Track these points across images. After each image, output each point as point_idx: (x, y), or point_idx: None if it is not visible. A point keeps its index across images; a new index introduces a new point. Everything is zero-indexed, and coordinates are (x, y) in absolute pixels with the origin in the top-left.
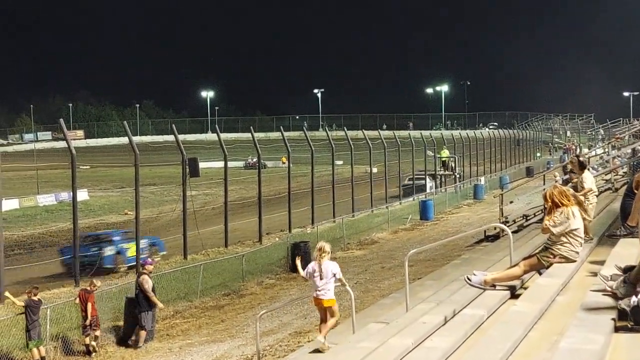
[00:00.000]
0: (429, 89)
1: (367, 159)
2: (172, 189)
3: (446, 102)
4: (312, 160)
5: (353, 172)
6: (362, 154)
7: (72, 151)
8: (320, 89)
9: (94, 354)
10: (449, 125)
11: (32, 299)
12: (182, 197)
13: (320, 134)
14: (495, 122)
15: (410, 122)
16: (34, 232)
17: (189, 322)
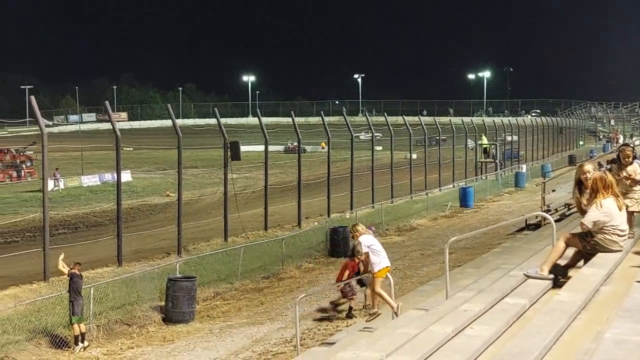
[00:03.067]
0: (471, 75)
1: (406, 145)
2: (214, 172)
3: (488, 88)
4: (351, 145)
5: (393, 157)
6: (401, 140)
7: (117, 133)
8: (360, 74)
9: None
10: (490, 112)
11: (73, 271)
12: (224, 180)
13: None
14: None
15: (450, 109)
16: (78, 212)
17: (229, 304)
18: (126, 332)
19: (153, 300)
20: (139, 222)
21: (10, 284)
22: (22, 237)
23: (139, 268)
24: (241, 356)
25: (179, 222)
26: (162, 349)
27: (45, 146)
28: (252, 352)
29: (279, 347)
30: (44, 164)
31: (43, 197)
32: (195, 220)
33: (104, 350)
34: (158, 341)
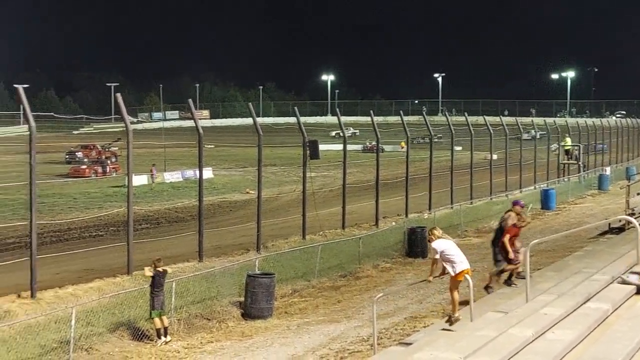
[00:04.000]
0: (554, 75)
1: (486, 145)
2: (292, 170)
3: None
4: (430, 145)
5: (472, 158)
6: (481, 141)
7: (200, 130)
8: (440, 74)
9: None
10: (574, 113)
11: (157, 270)
12: (302, 178)
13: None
14: (622, 111)
15: (532, 109)
16: (160, 207)
17: (307, 301)
18: (206, 326)
19: (232, 296)
20: (219, 218)
21: (95, 277)
22: (106, 231)
23: (218, 263)
24: (318, 353)
25: (259, 219)
26: (241, 344)
27: (130, 143)
28: (328, 350)
29: (356, 346)
30: (129, 160)
31: (128, 193)
32: (274, 218)
33: (185, 343)
34: (237, 336)
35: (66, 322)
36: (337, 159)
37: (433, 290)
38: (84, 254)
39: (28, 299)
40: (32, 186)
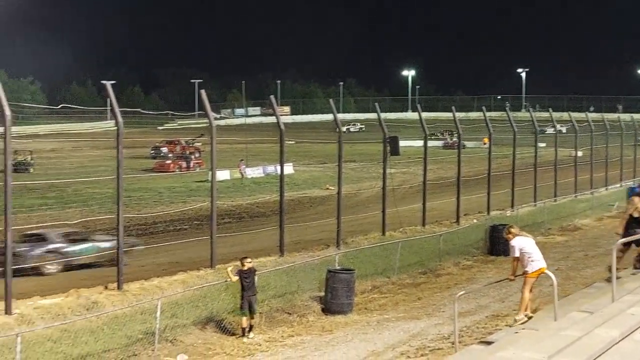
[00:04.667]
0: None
1: (570, 142)
2: (372, 167)
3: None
4: (513, 141)
5: (557, 155)
6: (565, 137)
7: (281, 127)
8: (524, 69)
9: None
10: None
11: (241, 269)
12: (382, 174)
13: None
14: None
15: (619, 105)
16: (242, 202)
17: (386, 298)
18: (287, 320)
19: (312, 291)
20: (299, 213)
21: (179, 270)
22: (190, 225)
23: (299, 258)
24: (398, 350)
25: (339, 215)
26: (321, 338)
27: (214, 138)
28: (409, 347)
29: (436, 343)
30: (213, 155)
31: (211, 188)
32: (354, 214)
33: (266, 337)
34: (317, 331)
35: (151, 313)
36: (417, 156)
37: (515, 288)
38: (168, 247)
39: (115, 290)
40: (120, 180)
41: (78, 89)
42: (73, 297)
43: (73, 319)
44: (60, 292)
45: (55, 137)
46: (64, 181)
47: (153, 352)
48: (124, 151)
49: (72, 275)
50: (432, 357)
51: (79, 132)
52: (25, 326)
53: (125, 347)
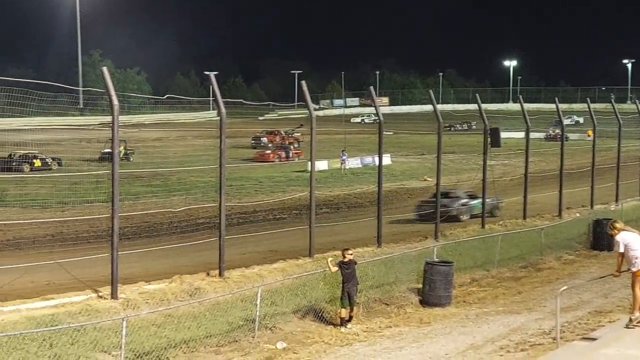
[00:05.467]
0: None
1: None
2: (471, 158)
3: None
4: (619, 133)
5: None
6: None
7: (380, 117)
8: (630, 60)
9: None
10: None
11: (342, 260)
12: (483, 166)
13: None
14: None
15: None
16: (340, 193)
17: (486, 291)
18: (384, 311)
19: (410, 282)
20: (397, 205)
21: (279, 258)
22: (289, 214)
23: (397, 249)
24: (498, 344)
25: (437, 207)
26: (419, 330)
27: (313, 129)
28: (508, 341)
29: (537, 338)
30: (312, 146)
31: (310, 177)
32: None
33: (364, 327)
34: (415, 322)
35: (252, 301)
36: (518, 147)
37: (619, 284)
38: (268, 236)
39: (216, 277)
40: (222, 169)
41: (182, 79)
42: (176, 282)
43: (176, 304)
44: (164, 277)
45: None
46: (169, 170)
47: (253, 339)
48: (226, 141)
49: (176, 262)
50: (532, 352)
51: (182, 122)
52: (130, 310)
53: (226, 333)
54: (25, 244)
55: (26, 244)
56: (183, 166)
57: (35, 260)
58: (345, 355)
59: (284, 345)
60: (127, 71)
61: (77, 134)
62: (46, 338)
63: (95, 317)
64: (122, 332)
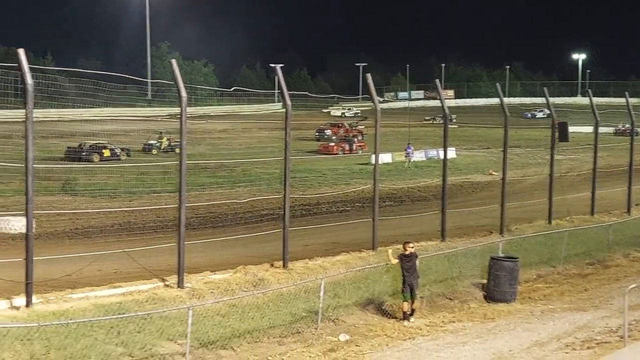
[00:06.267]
0: None
1: None
2: (537, 152)
3: None
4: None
5: None
6: None
7: (446, 111)
8: None
9: None
10: None
11: (402, 253)
12: (550, 161)
13: None
14: None
15: None
16: (404, 186)
17: (551, 288)
18: (448, 305)
19: (474, 277)
20: (461, 199)
21: (341, 251)
22: (352, 206)
23: (461, 244)
24: (563, 341)
25: (502, 202)
26: (483, 325)
27: (378, 122)
28: (574, 338)
29: (604, 336)
30: (377, 138)
31: (374, 170)
32: (517, 201)
33: (427, 321)
34: (479, 318)
35: (315, 292)
36: (586, 142)
37: None
38: (331, 228)
39: (280, 268)
40: (287, 161)
41: (248, 71)
42: (241, 273)
43: (241, 294)
44: (228, 268)
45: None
46: (234, 161)
47: (316, 331)
48: (291, 133)
49: (240, 252)
50: (599, 350)
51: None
52: (196, 300)
53: (289, 324)
54: (94, 232)
55: (95, 232)
56: (248, 158)
57: (104, 248)
58: (407, 349)
59: (347, 337)
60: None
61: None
62: (114, 325)
63: (162, 306)
64: (187, 321)
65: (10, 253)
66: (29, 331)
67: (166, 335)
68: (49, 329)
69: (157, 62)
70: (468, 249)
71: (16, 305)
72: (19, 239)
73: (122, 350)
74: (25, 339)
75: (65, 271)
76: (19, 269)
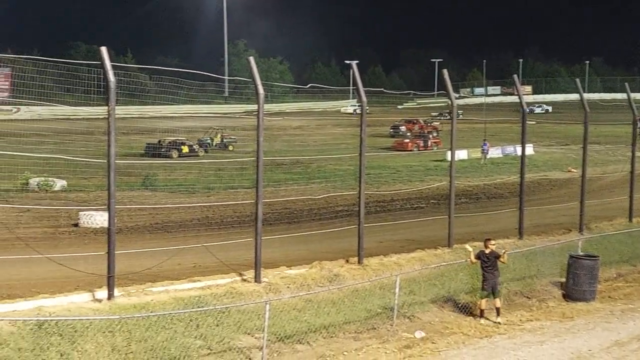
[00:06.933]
0: None
1: None
2: (618, 149)
3: None
4: None
5: None
6: None
7: (524, 107)
8: None
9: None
10: None
11: (482, 250)
12: (631, 158)
13: None
14: None
15: None
16: (479, 183)
17: (632, 287)
18: (525, 304)
19: (552, 276)
20: (539, 196)
21: (416, 247)
22: (427, 203)
23: (538, 242)
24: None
25: (582, 199)
26: (561, 325)
27: (454, 118)
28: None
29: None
30: (453, 135)
31: (450, 167)
32: (597, 198)
33: (504, 319)
34: (557, 317)
35: (390, 289)
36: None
37: None
38: (406, 225)
39: (355, 264)
40: (362, 158)
41: (322, 68)
42: (316, 268)
43: (316, 289)
44: (304, 263)
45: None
46: (308, 157)
47: (391, 327)
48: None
49: (315, 248)
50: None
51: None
52: (272, 294)
53: (364, 320)
54: (173, 227)
55: (174, 227)
56: (322, 154)
57: (183, 243)
58: (484, 347)
59: (422, 334)
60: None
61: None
62: (193, 319)
63: (239, 300)
64: (265, 315)
65: (93, 247)
66: (111, 323)
67: (244, 328)
68: (130, 322)
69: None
70: (546, 247)
71: (98, 298)
72: (101, 233)
73: (200, 343)
74: (107, 331)
75: (145, 265)
76: (101, 263)
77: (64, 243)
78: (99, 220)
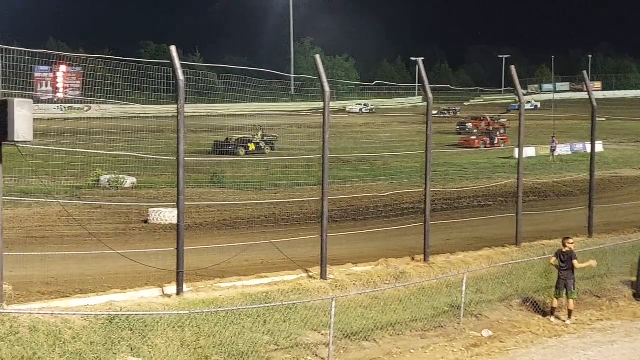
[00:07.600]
0: None
1: None
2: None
3: None
4: None
5: None
6: None
7: (593, 103)
8: None
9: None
10: None
11: (560, 249)
12: None
13: None
14: None
15: None
16: (548, 180)
17: None
18: (595, 303)
19: (623, 275)
20: (609, 194)
21: (483, 245)
22: (494, 201)
23: (609, 240)
24: None
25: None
26: (632, 324)
27: (522, 114)
28: None
29: None
30: (521, 132)
31: (518, 164)
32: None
33: (573, 319)
34: (628, 316)
35: (457, 287)
36: None
37: None
38: (473, 223)
39: (421, 262)
40: (428, 155)
41: (388, 65)
42: (382, 266)
43: (383, 287)
44: (370, 260)
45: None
46: (374, 155)
47: (458, 325)
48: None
49: (381, 245)
50: None
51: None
52: (339, 291)
53: (431, 318)
54: (241, 224)
55: (242, 224)
56: (388, 151)
57: (250, 239)
58: (553, 347)
59: (490, 333)
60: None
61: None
62: (260, 314)
63: (306, 296)
64: (331, 312)
65: (162, 243)
66: (180, 318)
67: (310, 325)
68: (199, 317)
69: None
70: (617, 246)
71: (168, 294)
72: (170, 229)
73: (268, 338)
74: (177, 325)
75: (214, 261)
76: (171, 259)
77: (135, 239)
78: (168, 217)
